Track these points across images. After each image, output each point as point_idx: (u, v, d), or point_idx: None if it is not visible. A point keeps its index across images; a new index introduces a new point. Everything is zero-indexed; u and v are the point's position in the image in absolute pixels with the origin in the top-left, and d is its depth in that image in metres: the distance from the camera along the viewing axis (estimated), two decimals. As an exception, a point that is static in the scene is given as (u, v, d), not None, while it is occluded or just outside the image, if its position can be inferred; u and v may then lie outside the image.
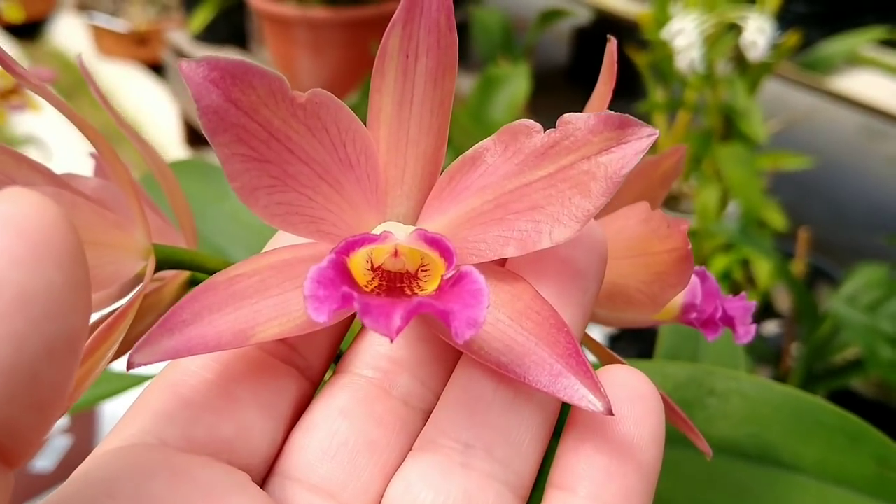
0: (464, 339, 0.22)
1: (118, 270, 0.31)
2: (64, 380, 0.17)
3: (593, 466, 0.25)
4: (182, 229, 0.37)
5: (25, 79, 0.29)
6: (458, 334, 0.22)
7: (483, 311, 0.22)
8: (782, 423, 0.39)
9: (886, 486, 0.37)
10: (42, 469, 1.09)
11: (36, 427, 0.17)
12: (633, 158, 0.25)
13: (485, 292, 0.23)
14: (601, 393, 0.24)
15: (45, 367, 0.17)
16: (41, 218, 0.17)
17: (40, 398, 0.17)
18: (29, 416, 0.17)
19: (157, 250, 0.31)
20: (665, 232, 0.30)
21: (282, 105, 0.24)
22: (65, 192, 0.29)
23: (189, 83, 0.23)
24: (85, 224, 0.30)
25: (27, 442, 0.17)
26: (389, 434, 0.26)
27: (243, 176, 0.24)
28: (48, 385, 0.17)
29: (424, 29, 0.25)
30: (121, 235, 0.31)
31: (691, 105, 1.37)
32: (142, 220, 0.31)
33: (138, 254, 0.31)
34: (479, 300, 0.23)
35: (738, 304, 0.33)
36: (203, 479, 0.23)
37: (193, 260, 0.33)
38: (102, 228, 0.30)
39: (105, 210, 0.31)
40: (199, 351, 0.25)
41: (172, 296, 0.35)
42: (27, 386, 0.16)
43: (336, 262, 0.24)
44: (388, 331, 0.22)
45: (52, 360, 0.17)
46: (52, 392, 0.17)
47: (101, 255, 0.30)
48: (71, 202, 0.29)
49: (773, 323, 1.41)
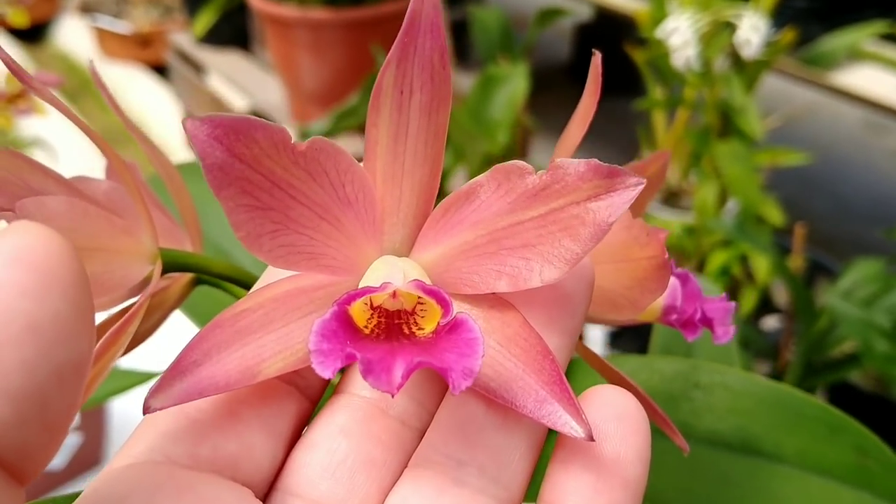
0: (460, 390, 0.23)
1: (126, 275, 0.32)
2: (72, 402, 0.19)
3: (581, 483, 0.26)
4: (187, 229, 0.38)
5: (33, 86, 0.30)
6: (456, 387, 0.23)
7: (478, 360, 0.24)
8: (765, 414, 0.40)
9: (865, 475, 0.38)
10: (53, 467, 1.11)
11: (46, 447, 0.18)
12: (620, 207, 0.25)
13: (480, 341, 0.24)
14: (583, 420, 0.25)
15: (54, 391, 0.18)
16: (47, 250, 0.18)
17: (50, 420, 0.18)
18: (39, 437, 0.18)
19: (163, 255, 0.33)
20: (645, 240, 0.31)
21: (283, 155, 0.25)
22: (77, 201, 0.30)
23: (194, 141, 0.23)
24: (96, 232, 0.31)
25: (37, 460, 0.18)
26: (387, 452, 0.27)
27: (248, 225, 0.25)
28: (57, 407, 0.18)
29: (418, 66, 0.26)
30: (129, 241, 0.32)
31: (690, 102, 1.38)
32: (149, 224, 0.32)
33: (146, 258, 0.32)
34: (475, 349, 0.24)
35: (717, 306, 0.34)
36: (208, 494, 0.25)
37: (198, 263, 0.34)
38: (112, 235, 0.31)
39: (114, 216, 0.32)
40: (210, 392, 0.26)
41: (177, 295, 0.36)
42: (38, 410, 0.17)
43: (338, 313, 0.25)
44: (389, 388, 0.23)
45: (60, 385, 0.18)
46: (60, 414, 0.18)
47: (111, 261, 0.31)
48: (83, 210, 0.30)
49: (773, 318, 1.42)
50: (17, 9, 1.09)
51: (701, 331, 0.33)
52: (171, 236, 0.38)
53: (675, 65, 1.26)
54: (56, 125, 0.33)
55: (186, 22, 2.57)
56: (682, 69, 1.26)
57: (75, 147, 0.35)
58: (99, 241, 0.31)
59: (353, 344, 0.24)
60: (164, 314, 0.37)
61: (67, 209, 0.30)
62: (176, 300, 0.37)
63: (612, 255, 0.32)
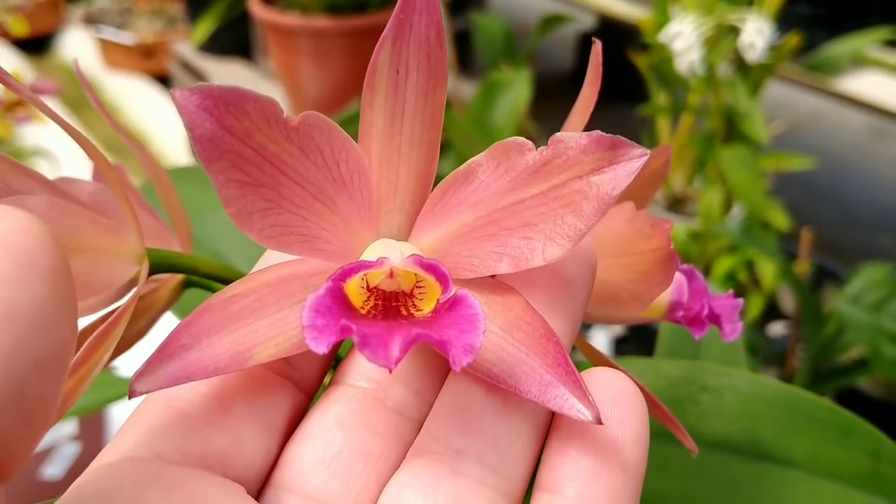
0: (461, 366, 0.22)
1: (112, 275, 0.31)
2: (52, 393, 0.18)
3: (579, 468, 0.25)
4: (177, 232, 0.37)
5: (20, 91, 0.29)
6: (456, 362, 0.22)
7: (480, 336, 0.23)
8: (775, 418, 0.39)
9: (879, 481, 0.37)
10: (51, 476, 1.10)
11: (24, 440, 0.17)
12: (624, 179, 0.25)
13: (481, 317, 0.23)
14: (590, 402, 0.25)
15: (32, 380, 0.17)
16: (26, 235, 0.17)
17: (28, 412, 0.17)
18: (17, 429, 0.17)
19: (150, 255, 0.32)
20: (649, 232, 0.30)
21: (275, 129, 0.24)
22: (58, 200, 0.30)
23: (182, 112, 0.23)
24: (79, 231, 0.30)
25: (15, 455, 0.17)
26: (384, 444, 0.27)
27: (238, 201, 0.24)
28: (36, 399, 0.17)
29: (414, 45, 0.26)
30: (114, 241, 0.31)
31: (694, 108, 1.38)
32: (135, 224, 0.31)
33: (132, 259, 0.31)
34: (476, 325, 0.23)
35: (725, 303, 0.33)
36: (198, 491, 0.24)
37: (186, 263, 0.33)
38: (96, 234, 0.30)
39: (99, 216, 0.31)
40: (199, 376, 0.25)
41: (167, 297, 0.35)
42: (15, 400, 0.17)
43: (333, 290, 0.24)
44: (386, 362, 0.22)
45: (39, 374, 0.17)
46: (39, 405, 0.17)
47: (96, 261, 0.30)
48: (64, 210, 0.30)
49: (779, 324, 1.41)
50: (17, 17, 1.09)
51: (708, 328, 0.32)
52: (160, 240, 0.37)
53: (678, 70, 1.26)
54: (58, 134, 0.32)
55: (189, 32, 2.58)
56: (686, 74, 1.26)
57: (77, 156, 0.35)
58: (82, 240, 0.30)
59: (348, 319, 0.23)
60: (154, 317, 0.36)
61: (48, 208, 0.29)
62: (165, 303, 0.36)
63: (616, 249, 0.31)
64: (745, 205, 1.28)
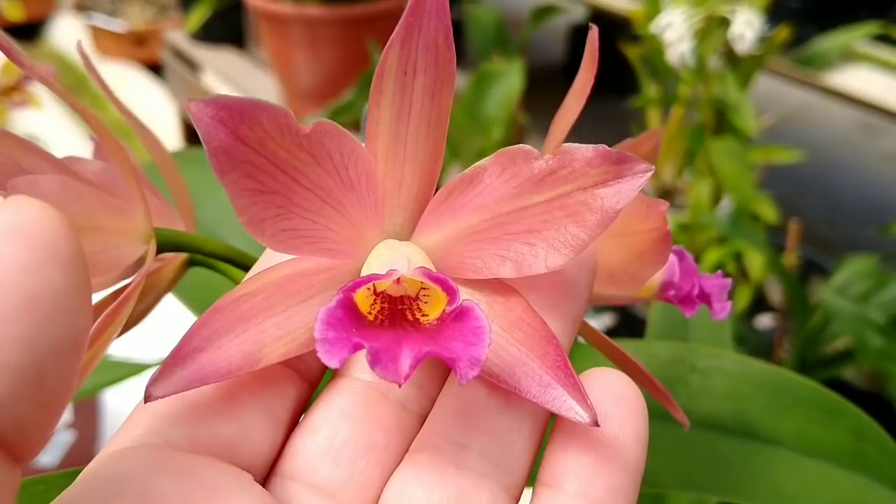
0: (467, 379, 0.23)
1: (121, 255, 0.31)
2: (69, 378, 0.18)
3: (580, 464, 0.26)
4: (181, 212, 0.38)
5: (31, 70, 0.29)
6: (463, 376, 0.23)
7: (485, 349, 0.23)
8: (762, 398, 0.40)
9: (862, 459, 0.38)
10: (46, 464, 1.10)
11: (42, 423, 0.18)
12: (628, 194, 0.25)
13: (486, 330, 0.24)
14: (588, 405, 0.25)
15: (51, 366, 0.17)
16: (44, 224, 0.18)
17: (47, 396, 0.18)
18: (36, 413, 0.18)
19: (157, 234, 0.32)
20: (645, 213, 0.31)
21: (288, 138, 0.24)
22: (69, 180, 0.30)
23: (198, 124, 0.23)
24: (88, 211, 0.30)
25: (34, 438, 0.18)
26: (388, 436, 0.27)
27: (251, 209, 0.25)
28: (54, 383, 0.18)
29: (423, 47, 0.26)
30: (123, 220, 0.31)
31: (685, 100, 1.38)
32: (142, 203, 0.32)
33: (139, 238, 0.32)
34: (481, 338, 0.24)
35: (714, 282, 0.34)
36: (208, 478, 0.24)
37: (193, 243, 0.34)
38: (105, 214, 0.31)
39: (107, 195, 0.32)
40: (212, 379, 0.25)
41: (171, 277, 0.36)
42: (34, 385, 0.17)
43: (344, 301, 0.24)
44: (397, 378, 0.23)
45: (57, 360, 0.18)
46: (57, 390, 0.18)
47: (105, 241, 0.31)
48: (75, 190, 0.30)
49: (767, 316, 1.42)
50: (13, 2, 1.08)
51: (699, 306, 0.33)
52: (163, 218, 0.37)
53: (669, 61, 1.26)
54: (51, 120, 0.32)
55: (181, 20, 2.57)
56: (677, 65, 1.26)
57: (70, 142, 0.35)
58: (92, 220, 0.30)
59: (359, 332, 0.24)
60: (157, 297, 0.37)
61: (59, 188, 0.30)
62: (169, 282, 0.37)
63: (612, 230, 0.31)
64: (734, 197, 1.29)
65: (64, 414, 0.19)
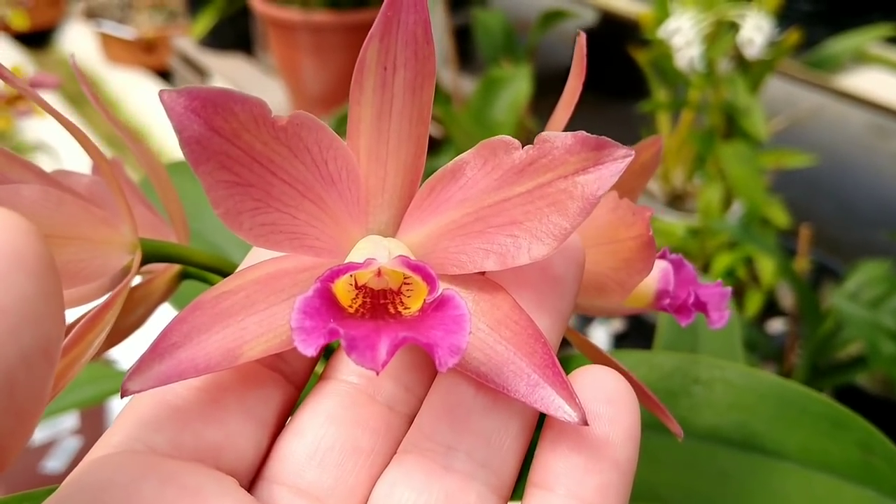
0: (447, 367, 0.22)
1: (105, 264, 0.31)
2: (40, 386, 0.18)
3: (571, 465, 0.26)
4: (173, 225, 0.38)
5: (17, 85, 0.30)
6: (442, 363, 0.22)
7: (465, 337, 0.23)
8: (767, 410, 0.39)
9: (870, 473, 0.37)
10: (53, 470, 1.10)
11: (14, 433, 0.18)
12: (608, 180, 0.25)
13: (467, 318, 0.23)
14: (576, 404, 0.25)
15: (21, 374, 0.17)
16: (13, 232, 0.17)
17: (18, 405, 0.17)
18: (7, 422, 0.17)
19: (143, 244, 0.32)
20: (630, 220, 0.30)
21: (263, 129, 0.24)
22: (52, 190, 0.30)
23: (170, 114, 0.23)
24: (72, 220, 0.30)
25: (6, 448, 0.18)
26: (375, 439, 0.27)
27: (227, 202, 0.24)
28: (25, 392, 0.17)
29: (402, 42, 0.26)
30: (107, 230, 0.31)
31: (694, 104, 1.38)
32: (128, 215, 0.32)
33: (125, 248, 0.32)
34: (462, 326, 0.23)
35: (712, 291, 0.33)
36: (191, 484, 0.24)
37: (180, 253, 0.34)
38: (89, 224, 0.31)
39: (93, 206, 0.31)
40: (190, 374, 0.25)
41: (163, 288, 0.36)
42: (5, 393, 0.17)
43: (321, 290, 0.24)
44: (373, 364, 0.22)
45: (27, 368, 0.17)
46: (28, 398, 0.18)
47: (89, 250, 0.31)
48: (58, 199, 0.30)
49: (778, 321, 1.41)
50: (18, 11, 1.09)
51: (694, 315, 0.33)
52: (157, 233, 0.37)
53: (678, 65, 1.26)
54: (58, 128, 0.32)
55: (190, 27, 2.58)
56: (686, 70, 1.26)
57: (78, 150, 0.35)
58: (76, 229, 0.30)
59: (336, 321, 0.23)
60: (150, 308, 0.37)
61: (41, 197, 0.30)
62: (162, 294, 0.36)
63: (599, 238, 0.31)
64: (744, 201, 1.28)
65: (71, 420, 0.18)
